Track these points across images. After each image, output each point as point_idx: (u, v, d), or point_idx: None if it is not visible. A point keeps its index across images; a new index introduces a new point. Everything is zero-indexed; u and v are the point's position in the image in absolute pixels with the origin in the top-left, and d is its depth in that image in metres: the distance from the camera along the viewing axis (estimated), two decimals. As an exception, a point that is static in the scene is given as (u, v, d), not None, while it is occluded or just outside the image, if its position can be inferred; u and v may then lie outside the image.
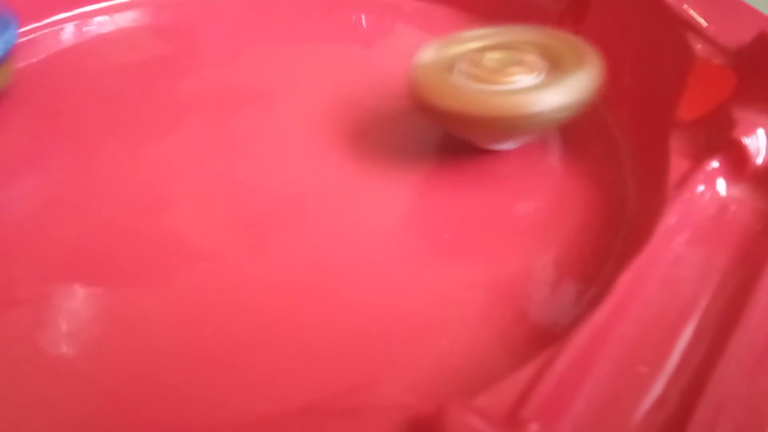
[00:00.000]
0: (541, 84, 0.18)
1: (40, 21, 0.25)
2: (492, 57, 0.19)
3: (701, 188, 0.16)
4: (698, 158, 0.16)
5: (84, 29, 0.26)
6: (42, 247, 0.18)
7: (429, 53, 0.20)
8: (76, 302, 0.17)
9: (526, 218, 0.19)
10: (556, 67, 0.19)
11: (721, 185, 0.16)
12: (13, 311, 0.16)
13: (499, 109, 0.17)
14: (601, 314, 0.13)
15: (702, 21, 0.19)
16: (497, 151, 0.20)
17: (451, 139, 0.20)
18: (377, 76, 0.25)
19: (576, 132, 0.22)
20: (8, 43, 0.22)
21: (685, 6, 0.20)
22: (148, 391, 0.15)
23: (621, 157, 0.20)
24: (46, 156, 0.21)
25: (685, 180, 0.16)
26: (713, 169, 0.16)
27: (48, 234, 0.18)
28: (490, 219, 0.19)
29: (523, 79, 0.18)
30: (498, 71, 0.18)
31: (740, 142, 0.16)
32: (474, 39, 0.20)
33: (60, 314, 0.16)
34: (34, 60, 0.24)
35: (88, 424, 0.14)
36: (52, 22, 0.26)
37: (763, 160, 0.16)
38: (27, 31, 0.25)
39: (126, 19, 0.27)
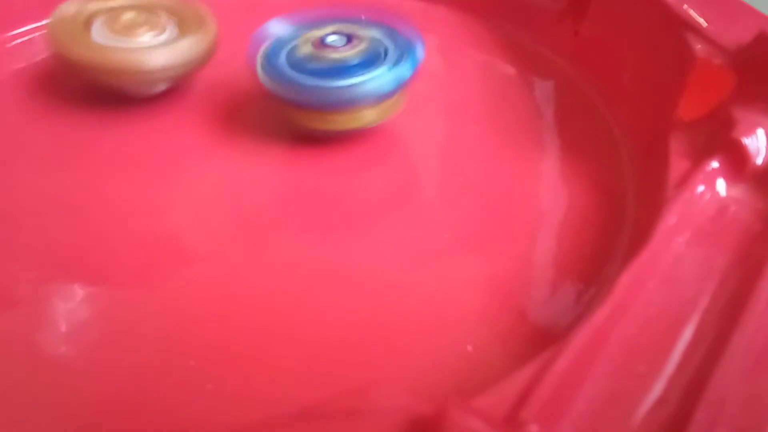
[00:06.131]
0: (160, 44, 0.21)
1: (40, 21, 0.25)
2: (127, 16, 0.21)
3: (701, 188, 0.16)
4: (698, 158, 0.16)
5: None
6: (41, 247, 0.18)
7: (70, 7, 0.22)
8: (75, 302, 0.17)
9: (525, 218, 0.19)
10: (182, 30, 0.22)
11: (721, 185, 0.16)
12: (11, 311, 0.16)
13: (119, 62, 0.20)
14: (601, 314, 0.13)
15: (702, 21, 0.19)
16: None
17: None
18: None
19: (576, 132, 0.22)
20: (414, 64, 0.20)
21: (685, 6, 0.20)
22: (147, 392, 0.15)
23: (621, 157, 0.20)
24: (45, 156, 0.21)
25: (685, 180, 0.16)
26: (713, 169, 0.16)
27: (47, 234, 0.18)
28: (489, 217, 0.19)
29: (150, 38, 0.21)
30: (129, 28, 0.21)
31: (740, 142, 0.16)
32: None
33: (58, 314, 0.16)
34: (34, 60, 0.24)
35: (87, 424, 0.14)
36: (51, 22, 0.26)
37: (763, 160, 0.16)
38: (27, 30, 0.25)
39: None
